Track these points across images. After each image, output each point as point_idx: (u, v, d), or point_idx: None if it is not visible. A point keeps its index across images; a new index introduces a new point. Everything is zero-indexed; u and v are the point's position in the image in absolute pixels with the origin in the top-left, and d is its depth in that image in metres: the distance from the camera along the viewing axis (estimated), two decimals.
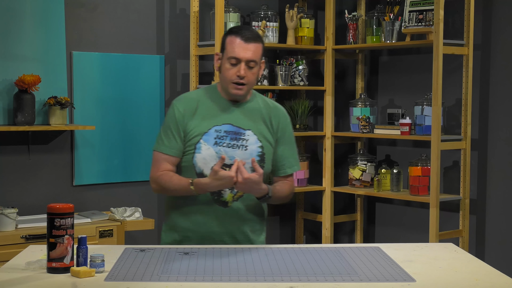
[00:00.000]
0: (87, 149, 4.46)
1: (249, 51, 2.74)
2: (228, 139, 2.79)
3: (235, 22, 4.69)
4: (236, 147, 2.79)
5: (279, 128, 2.88)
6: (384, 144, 5.35)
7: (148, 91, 4.69)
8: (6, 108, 4.12)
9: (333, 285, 2.20)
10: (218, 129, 2.80)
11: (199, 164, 2.79)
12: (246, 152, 2.79)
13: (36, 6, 4.22)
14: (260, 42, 2.79)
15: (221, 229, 2.81)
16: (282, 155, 2.90)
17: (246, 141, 2.80)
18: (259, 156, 2.81)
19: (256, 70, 2.79)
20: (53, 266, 2.31)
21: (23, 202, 4.22)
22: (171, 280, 2.23)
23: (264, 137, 2.84)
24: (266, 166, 2.84)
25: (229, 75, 2.77)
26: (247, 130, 2.82)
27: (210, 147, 2.77)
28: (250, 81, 2.78)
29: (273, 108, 2.91)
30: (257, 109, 2.87)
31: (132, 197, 4.65)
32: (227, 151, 2.77)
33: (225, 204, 2.81)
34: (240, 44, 2.74)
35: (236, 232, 2.83)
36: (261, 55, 2.80)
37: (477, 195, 4.74)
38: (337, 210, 5.33)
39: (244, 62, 2.75)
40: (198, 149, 2.78)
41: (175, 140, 2.82)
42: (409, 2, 4.68)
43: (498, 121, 4.64)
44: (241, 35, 2.75)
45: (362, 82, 5.35)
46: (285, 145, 2.90)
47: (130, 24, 4.62)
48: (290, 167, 2.92)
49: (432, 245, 3.02)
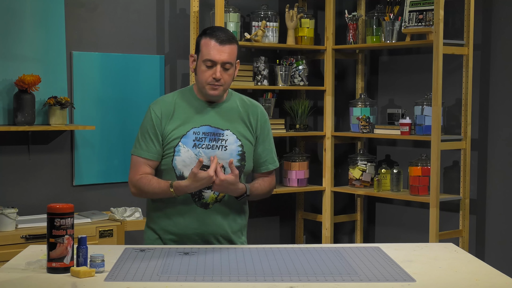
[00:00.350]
0: (87, 149, 4.46)
1: (224, 53, 2.74)
2: (207, 140, 2.79)
3: (235, 22, 4.70)
4: (216, 147, 2.80)
5: (258, 125, 2.90)
6: (384, 144, 5.35)
7: (148, 91, 4.69)
8: (6, 108, 4.12)
9: (333, 285, 2.20)
10: (197, 131, 2.80)
11: (179, 166, 2.79)
12: (226, 152, 2.80)
13: (36, 6, 4.22)
14: (235, 43, 2.79)
15: (202, 230, 2.82)
16: (263, 152, 2.91)
17: (225, 141, 2.81)
18: (239, 155, 2.82)
19: (232, 71, 2.80)
20: (53, 266, 2.31)
21: (23, 202, 4.22)
22: (171, 280, 2.23)
23: (243, 136, 2.84)
24: (247, 165, 2.85)
25: (205, 77, 2.77)
26: (225, 130, 2.83)
27: (189, 149, 2.78)
28: (226, 82, 2.79)
29: (251, 106, 2.92)
30: (234, 109, 2.87)
31: (132, 197, 4.60)
32: (206, 153, 2.78)
33: (206, 206, 2.81)
34: (215, 46, 2.74)
35: (217, 233, 2.83)
36: (236, 56, 2.81)
37: (477, 195, 4.74)
38: (337, 210, 5.33)
39: (219, 64, 2.75)
40: (177, 152, 2.78)
41: (153, 143, 2.82)
42: (409, 2, 4.68)
43: (498, 121, 4.64)
44: (215, 37, 2.75)
45: (362, 82, 5.35)
46: (265, 142, 2.92)
47: (130, 24, 4.62)
48: (271, 163, 2.94)
49: (432, 245, 3.02)
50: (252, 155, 2.88)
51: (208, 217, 2.81)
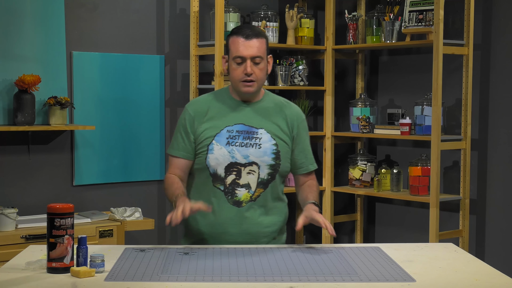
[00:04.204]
0: (87, 149, 4.46)
1: (251, 48, 2.75)
2: (240, 138, 2.80)
3: (235, 22, 4.69)
4: (249, 145, 2.79)
5: (295, 126, 2.88)
6: (384, 144, 5.35)
7: (148, 91, 4.69)
8: (6, 108, 4.13)
9: (333, 285, 2.20)
10: (230, 129, 2.81)
11: (212, 164, 2.79)
12: (259, 150, 2.79)
13: (36, 6, 4.23)
14: (263, 38, 2.79)
15: (236, 229, 2.81)
16: (302, 153, 2.89)
17: (259, 139, 2.81)
18: (274, 153, 2.81)
19: (263, 66, 2.79)
20: (53, 266, 2.31)
21: (23, 202, 4.22)
22: (171, 280, 2.23)
23: (277, 136, 2.83)
24: (283, 164, 2.84)
25: (237, 75, 2.78)
26: (259, 128, 2.82)
27: (223, 147, 2.79)
28: (258, 77, 2.78)
29: (287, 106, 2.91)
30: (269, 108, 2.87)
31: (132, 197, 4.65)
32: (240, 150, 2.78)
33: (239, 204, 2.81)
34: (242, 42, 2.75)
35: (252, 233, 2.82)
36: (266, 50, 2.80)
37: (477, 195, 4.75)
38: (337, 210, 5.33)
39: (249, 59, 2.75)
40: (211, 150, 2.79)
41: (183, 142, 2.83)
42: (409, 2, 4.68)
43: (498, 121, 4.64)
44: (241, 33, 2.77)
45: (362, 82, 5.35)
46: (303, 142, 2.90)
47: (130, 24, 4.62)
48: (311, 163, 2.93)
49: (432, 245, 3.02)
50: (287, 155, 2.86)
51: (241, 216, 2.81)
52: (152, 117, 4.71)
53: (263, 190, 2.82)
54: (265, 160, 2.80)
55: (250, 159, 2.79)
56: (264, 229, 2.85)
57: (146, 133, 4.69)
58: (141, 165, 4.67)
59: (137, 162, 4.66)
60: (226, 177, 2.79)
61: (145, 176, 4.71)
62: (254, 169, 2.80)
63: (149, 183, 4.73)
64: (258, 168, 2.79)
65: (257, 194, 2.81)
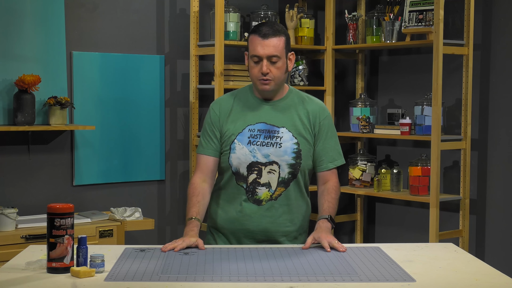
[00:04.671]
0: (87, 149, 4.46)
1: (268, 47, 2.75)
2: (262, 137, 2.81)
3: (235, 22, 4.69)
4: (270, 145, 2.81)
5: (317, 122, 2.87)
6: (384, 144, 5.35)
7: (148, 91, 4.69)
8: (6, 108, 4.12)
9: (333, 285, 2.20)
10: (252, 128, 2.83)
11: (234, 163, 2.83)
12: (280, 150, 2.80)
13: (36, 6, 4.22)
14: (281, 35, 2.78)
15: (255, 227, 2.84)
16: (323, 149, 2.88)
17: (280, 138, 2.81)
18: (294, 152, 2.82)
19: (281, 65, 2.78)
20: (53, 266, 2.31)
21: (23, 202, 4.22)
22: (171, 280, 2.23)
23: (299, 134, 2.84)
24: (304, 163, 2.84)
25: (254, 74, 2.80)
26: (281, 127, 2.83)
27: (244, 146, 2.81)
28: (276, 76, 2.78)
29: (310, 103, 2.91)
30: (292, 106, 2.87)
31: (132, 197, 4.65)
32: (261, 149, 2.80)
33: (259, 202, 2.83)
34: (259, 41, 2.76)
35: (271, 231, 2.85)
36: (285, 48, 2.79)
37: (477, 195, 4.74)
38: (337, 210, 5.31)
39: (265, 58, 2.76)
40: (233, 149, 2.82)
41: (211, 140, 2.86)
42: (409, 2, 4.68)
43: (498, 121, 4.64)
44: (259, 32, 2.77)
45: (362, 82, 5.35)
46: (324, 139, 2.88)
47: (130, 24, 4.62)
48: (331, 161, 2.90)
49: (432, 245, 3.02)
50: (309, 153, 2.86)
51: (261, 214, 2.83)
52: (152, 117, 4.71)
53: (285, 189, 2.84)
54: (285, 159, 2.81)
55: (271, 159, 2.81)
56: (284, 228, 2.87)
57: (146, 133, 4.68)
58: (141, 165, 4.67)
59: (137, 162, 4.66)
60: (248, 176, 2.82)
61: (145, 176, 4.71)
62: (274, 168, 2.81)
63: (149, 183, 4.73)
64: (279, 168, 2.81)
65: (278, 193, 2.83)
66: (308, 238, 2.70)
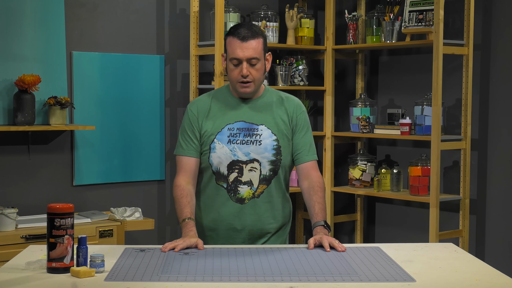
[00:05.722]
0: (87, 149, 4.46)
1: (247, 50, 2.75)
2: (241, 136, 2.82)
3: (235, 22, 4.69)
4: (250, 142, 2.82)
5: (294, 117, 2.89)
6: (384, 144, 5.35)
7: (148, 91, 4.69)
8: (6, 108, 4.12)
9: (333, 285, 2.20)
10: (231, 127, 2.83)
11: (215, 163, 2.83)
12: (260, 147, 2.81)
13: (36, 6, 4.22)
14: (259, 37, 2.78)
15: (239, 226, 2.85)
16: (300, 142, 2.89)
17: (259, 135, 2.83)
18: (275, 149, 2.83)
19: (260, 66, 2.79)
20: (53, 266, 2.31)
21: (23, 202, 4.22)
22: (171, 280, 2.23)
23: (278, 130, 2.85)
24: (284, 159, 2.85)
25: (234, 76, 2.80)
26: (260, 125, 2.84)
27: (224, 145, 2.81)
28: (256, 78, 2.80)
29: (286, 100, 2.92)
30: (269, 104, 2.89)
31: (132, 197, 4.65)
32: (241, 148, 2.81)
33: (242, 201, 2.83)
34: (238, 44, 2.76)
35: (256, 229, 2.86)
36: (263, 49, 2.80)
37: (477, 195, 4.74)
38: (337, 210, 5.33)
39: (245, 61, 2.76)
40: (213, 149, 2.82)
41: (191, 141, 2.86)
42: (409, 2, 4.68)
43: (498, 121, 4.64)
44: (237, 34, 2.77)
45: (362, 82, 5.35)
46: (301, 132, 2.89)
47: (130, 24, 4.62)
48: (307, 154, 2.90)
49: (432, 245, 3.02)
50: (289, 148, 2.87)
51: (244, 212, 2.84)
52: (152, 117, 4.71)
53: (266, 186, 2.85)
54: (266, 156, 2.82)
55: (251, 156, 2.81)
56: (268, 226, 2.88)
57: (146, 133, 4.68)
58: (141, 165, 4.67)
59: (137, 162, 4.66)
60: (229, 175, 2.82)
61: (145, 176, 4.71)
62: (255, 166, 2.82)
63: (149, 183, 4.73)
64: (260, 165, 2.82)
65: (260, 191, 2.84)
66: (310, 240, 2.70)
